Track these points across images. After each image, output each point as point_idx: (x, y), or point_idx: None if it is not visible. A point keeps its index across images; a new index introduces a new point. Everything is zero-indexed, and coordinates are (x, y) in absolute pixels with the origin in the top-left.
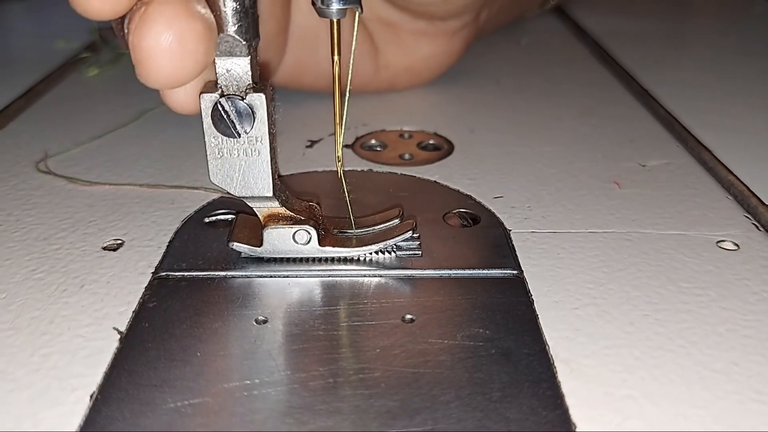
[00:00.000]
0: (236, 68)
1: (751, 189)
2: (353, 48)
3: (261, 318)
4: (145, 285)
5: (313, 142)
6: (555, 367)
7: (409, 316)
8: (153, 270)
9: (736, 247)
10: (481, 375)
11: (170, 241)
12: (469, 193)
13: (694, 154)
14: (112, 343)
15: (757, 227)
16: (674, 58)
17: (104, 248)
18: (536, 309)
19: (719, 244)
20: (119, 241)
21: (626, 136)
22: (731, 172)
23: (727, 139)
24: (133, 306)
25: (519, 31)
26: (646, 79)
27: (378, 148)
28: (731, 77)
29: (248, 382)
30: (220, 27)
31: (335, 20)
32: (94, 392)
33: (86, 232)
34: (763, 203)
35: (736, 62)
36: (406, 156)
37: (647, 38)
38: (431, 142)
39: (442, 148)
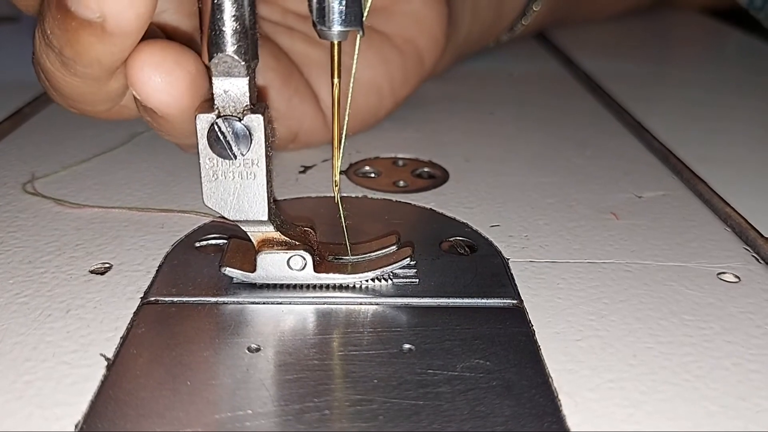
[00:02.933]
0: (234, 89)
1: (749, 221)
2: (353, 72)
3: (254, 346)
4: (134, 310)
5: (306, 168)
6: (559, 401)
7: (407, 346)
8: (142, 295)
9: (737, 280)
10: (483, 408)
11: (160, 266)
12: (465, 221)
13: (690, 186)
14: (99, 371)
15: (757, 259)
16: (663, 92)
17: (92, 272)
18: (537, 340)
19: (720, 276)
20: (107, 265)
21: (621, 168)
22: (728, 204)
23: (722, 172)
24: (121, 332)
25: (510, 63)
26: (638, 112)
27: (372, 175)
28: (720, 110)
29: (240, 412)
30: (219, 47)
31: (336, 42)
32: (79, 422)
33: (73, 255)
34: (762, 236)
35: (724, 95)
36: (401, 183)
37: (635, 72)
38: (426, 170)
39: (436, 177)
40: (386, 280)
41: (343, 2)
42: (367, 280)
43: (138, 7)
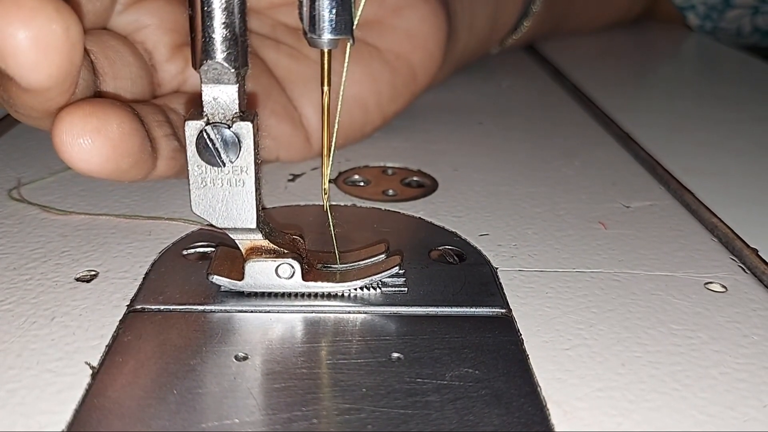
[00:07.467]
0: (223, 96)
1: (735, 231)
2: (343, 79)
3: (241, 354)
4: (120, 318)
5: (295, 176)
6: (548, 410)
7: (395, 355)
8: (128, 303)
9: (724, 290)
10: (472, 417)
11: (146, 273)
12: (454, 230)
13: (677, 196)
14: (84, 379)
15: (743, 270)
16: (649, 103)
17: (77, 279)
18: (526, 349)
19: (707, 286)
20: (93, 273)
21: (609, 178)
22: (715, 215)
23: (709, 182)
24: (107, 340)
25: (499, 74)
26: (625, 123)
27: (361, 184)
28: (706, 121)
29: (227, 421)
30: (209, 54)
31: (326, 50)
32: (63, 431)
33: (59, 262)
34: (748, 246)
35: (709, 106)
36: (390, 192)
37: (622, 83)
38: (415, 179)
39: (426, 186)
40: (375, 288)
41: (334, 10)
42: (355, 289)
43: (46, 68)
